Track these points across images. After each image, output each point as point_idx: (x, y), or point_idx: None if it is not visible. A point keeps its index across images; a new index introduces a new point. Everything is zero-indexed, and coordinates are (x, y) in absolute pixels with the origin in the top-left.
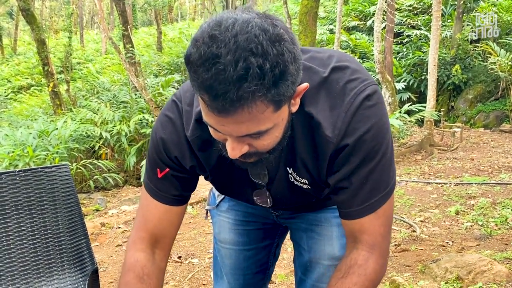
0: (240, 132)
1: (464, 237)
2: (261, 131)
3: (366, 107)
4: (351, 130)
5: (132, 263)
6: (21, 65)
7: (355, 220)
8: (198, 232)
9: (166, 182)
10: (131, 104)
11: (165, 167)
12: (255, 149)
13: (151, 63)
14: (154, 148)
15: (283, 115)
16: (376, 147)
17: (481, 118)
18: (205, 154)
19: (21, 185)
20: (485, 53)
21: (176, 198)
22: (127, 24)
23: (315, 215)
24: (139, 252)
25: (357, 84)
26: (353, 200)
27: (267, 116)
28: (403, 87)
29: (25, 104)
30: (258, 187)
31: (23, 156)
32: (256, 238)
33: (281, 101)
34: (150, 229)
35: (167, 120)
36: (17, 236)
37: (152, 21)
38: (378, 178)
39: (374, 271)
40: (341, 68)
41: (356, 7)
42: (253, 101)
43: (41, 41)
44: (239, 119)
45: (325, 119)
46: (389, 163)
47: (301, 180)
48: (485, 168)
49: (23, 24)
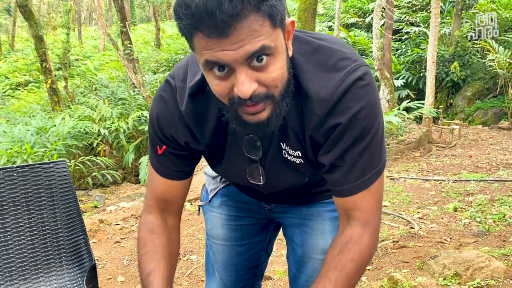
0: (245, 51)
1: (462, 234)
2: (266, 45)
3: (359, 86)
4: (344, 108)
5: (143, 223)
6: (19, 62)
7: (349, 197)
8: (197, 228)
9: (165, 158)
10: (130, 101)
11: (162, 144)
12: (264, 88)
13: (150, 59)
14: (151, 127)
15: (281, 42)
16: (369, 125)
17: (479, 115)
18: (199, 129)
19: (19, 181)
20: (483, 50)
21: (177, 173)
22: (125, 21)
23: (307, 209)
24: (149, 215)
25: (350, 63)
26: (347, 177)
27: (266, 30)
28: (401, 84)
29: (23, 100)
30: (251, 162)
31: (21, 153)
32: (249, 233)
33: (275, 16)
34: (157, 198)
35: (160, 99)
36: (15, 232)
37: (150, 18)
38: (370, 156)
39: (368, 247)
40: (333, 44)
41: (355, 4)
42: (248, 13)
43: (39, 38)
44: (240, 36)
45: (314, 90)
46: (381, 141)
47: (294, 153)
48: (483, 165)
49: (21, 21)
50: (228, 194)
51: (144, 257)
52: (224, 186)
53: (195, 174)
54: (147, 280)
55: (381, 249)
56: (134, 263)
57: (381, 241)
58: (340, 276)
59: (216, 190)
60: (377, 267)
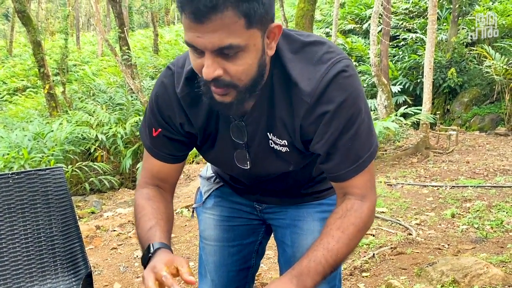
0: (214, 42)
1: (460, 240)
2: (233, 45)
3: (343, 77)
4: (330, 97)
5: (139, 194)
6: (17, 67)
7: (345, 181)
8: (194, 235)
9: (159, 141)
10: (127, 106)
11: (158, 127)
12: (229, 77)
13: (148, 65)
14: (149, 109)
15: (256, 41)
16: (355, 113)
17: (476, 121)
18: (194, 112)
19: (14, 188)
20: (480, 56)
21: (169, 156)
22: (123, 26)
23: (297, 210)
24: (144, 188)
25: (334, 56)
26: (341, 164)
27: (238, 29)
28: (399, 90)
29: (20, 106)
30: (238, 147)
31: (18, 158)
32: (240, 234)
33: (252, 18)
34: (151, 176)
35: (160, 83)
36: (10, 239)
37: (148, 24)
38: (362, 141)
39: (368, 216)
40: (319, 42)
41: (352, 10)
42: (225, 7)
43: (37, 43)
44: (213, 27)
45: (302, 81)
46: (369, 127)
47: (280, 142)
48: (480, 171)
49: (19, 26)
50: (221, 195)
51: (143, 218)
52: (217, 187)
53: (192, 180)
54: (147, 234)
55: (379, 255)
56: (130, 270)
57: (378, 247)
58: (342, 236)
59: (210, 192)
60: (375, 273)
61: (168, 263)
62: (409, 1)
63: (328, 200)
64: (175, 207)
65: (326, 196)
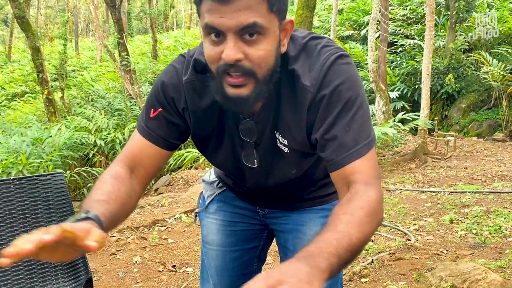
0: (239, 20)
1: (459, 246)
2: (257, 23)
3: (339, 63)
4: (327, 82)
5: (109, 169)
6: (16, 72)
7: (346, 166)
8: (193, 241)
9: (155, 121)
10: (126, 111)
11: (159, 106)
12: (249, 63)
13: (146, 71)
14: (154, 90)
15: (275, 28)
16: (352, 97)
17: (474, 127)
18: (193, 101)
19: (16, 193)
20: (477, 62)
21: (161, 139)
22: (122, 32)
23: (299, 215)
24: (117, 166)
25: (332, 48)
26: (340, 148)
27: (262, 10)
28: (397, 96)
29: (19, 111)
30: (247, 146)
31: (16, 164)
32: (243, 239)
33: (273, 2)
34: (129, 156)
35: (171, 68)
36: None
37: (147, 29)
38: (359, 127)
39: (376, 200)
40: (318, 37)
41: (350, 16)
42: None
43: (36, 49)
44: (238, 7)
45: (305, 73)
46: (367, 115)
47: (283, 141)
48: (478, 177)
49: (18, 32)
50: (224, 199)
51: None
52: (220, 192)
53: (191, 185)
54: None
55: (377, 261)
56: (129, 276)
57: (377, 253)
58: (351, 218)
59: (213, 196)
60: (373, 279)
61: (83, 231)
62: (407, 8)
63: (331, 205)
64: (173, 213)
65: (329, 201)
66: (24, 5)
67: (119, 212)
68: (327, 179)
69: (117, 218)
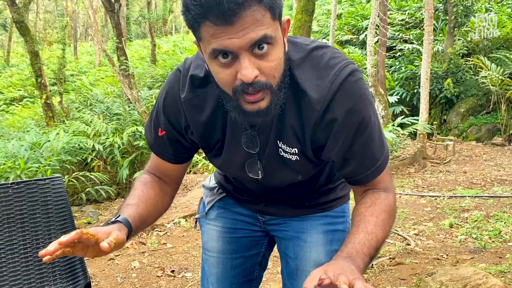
0: (250, 38)
1: (459, 250)
2: (267, 35)
3: (351, 82)
4: (338, 104)
5: (139, 178)
6: (14, 77)
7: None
8: (192, 245)
9: (163, 141)
10: (125, 116)
11: (163, 129)
12: (264, 77)
13: (145, 75)
14: (157, 109)
15: (280, 34)
16: (365, 118)
17: (473, 131)
18: (193, 117)
19: (14, 198)
20: (476, 67)
21: (171, 157)
22: (121, 37)
23: (301, 222)
24: (146, 175)
25: (340, 61)
26: (359, 168)
27: (267, 21)
28: (396, 100)
29: (17, 116)
30: (250, 157)
31: (14, 168)
32: (244, 246)
33: (275, 9)
34: (153, 168)
35: (169, 86)
36: (9, 249)
37: (146, 34)
38: (376, 144)
39: (394, 204)
40: (323, 46)
41: (349, 21)
42: (252, 3)
43: (35, 53)
44: (245, 24)
45: (311, 88)
46: (380, 130)
47: (291, 150)
48: (478, 181)
49: (17, 36)
50: (224, 206)
51: (129, 197)
52: (220, 198)
53: (190, 190)
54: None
55: (377, 266)
56: (128, 281)
57: (377, 257)
58: (377, 221)
59: (213, 202)
60: (374, 284)
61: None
62: (405, 12)
63: (333, 212)
64: (172, 217)
65: (331, 208)
66: (23, 9)
67: (150, 213)
68: (329, 186)
69: (148, 218)
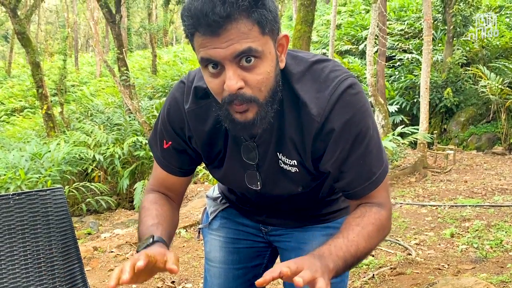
0: (234, 49)
1: (460, 260)
2: (252, 48)
3: (349, 94)
4: (336, 115)
5: (146, 198)
6: (15, 88)
7: (363, 196)
8: (192, 256)
9: (169, 153)
10: (125, 126)
11: (168, 139)
12: (249, 90)
13: (146, 85)
14: (161, 122)
15: (270, 49)
16: (363, 129)
17: (473, 141)
18: (197, 128)
19: (15, 209)
20: (475, 76)
21: (178, 169)
22: (122, 48)
23: (303, 233)
24: (152, 193)
25: (340, 74)
26: (355, 181)
27: (254, 35)
28: (395, 109)
29: (18, 126)
30: (249, 168)
31: (14, 179)
32: (246, 257)
33: (264, 24)
34: (158, 185)
35: (173, 97)
36: (9, 260)
37: (147, 45)
38: (373, 157)
39: (386, 219)
40: (324, 60)
41: (348, 31)
42: (238, 16)
43: (36, 64)
44: (230, 36)
45: (311, 100)
46: (379, 143)
47: (290, 162)
48: (478, 190)
49: (18, 47)
50: (227, 216)
51: (147, 217)
52: (224, 208)
53: (190, 200)
54: (150, 228)
55: (378, 276)
56: None
57: (378, 267)
58: (362, 231)
59: (216, 212)
60: None
61: (161, 255)
62: (405, 23)
63: (334, 223)
64: None
65: (333, 220)
66: (25, 21)
67: (171, 229)
68: (331, 197)
69: (172, 234)
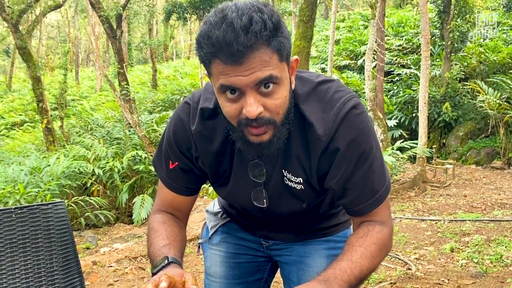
0: (256, 77)
1: (460, 275)
2: (273, 75)
3: (354, 114)
4: (341, 135)
5: (153, 218)
6: (15, 102)
7: (365, 214)
8: (191, 271)
9: (175, 173)
10: (125, 140)
11: (175, 160)
12: (268, 113)
13: (146, 100)
14: (167, 143)
15: (286, 74)
16: (366, 149)
17: (472, 155)
18: (204, 148)
19: (17, 223)
20: (473, 91)
21: (184, 189)
22: (122, 62)
23: (304, 247)
24: (159, 214)
25: (344, 94)
26: (359, 199)
27: (274, 63)
28: (394, 124)
29: (18, 140)
30: (256, 186)
31: (13, 193)
32: (246, 272)
33: (282, 52)
34: (164, 205)
35: (178, 118)
36: (10, 274)
37: (147, 59)
38: (376, 176)
39: (388, 238)
40: (329, 81)
41: (347, 46)
42: (260, 46)
43: (37, 78)
44: (252, 64)
45: (317, 120)
46: (381, 163)
47: (296, 179)
48: (478, 205)
49: (19, 62)
50: (228, 231)
51: (157, 238)
52: (224, 223)
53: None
54: (162, 249)
55: None
56: None
57: (378, 282)
58: (365, 252)
59: (216, 227)
60: None
61: (179, 276)
62: (403, 38)
63: (335, 237)
64: None
65: (333, 233)
66: (26, 36)
67: (181, 248)
68: (331, 211)
69: (182, 253)
